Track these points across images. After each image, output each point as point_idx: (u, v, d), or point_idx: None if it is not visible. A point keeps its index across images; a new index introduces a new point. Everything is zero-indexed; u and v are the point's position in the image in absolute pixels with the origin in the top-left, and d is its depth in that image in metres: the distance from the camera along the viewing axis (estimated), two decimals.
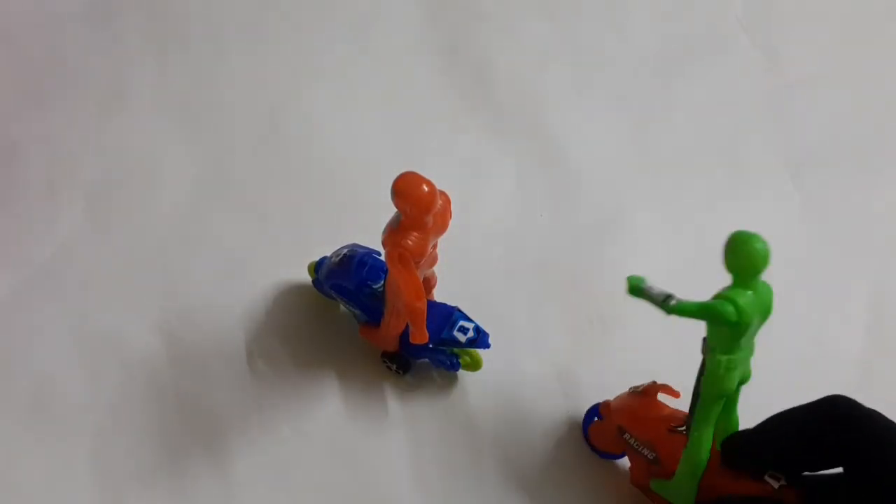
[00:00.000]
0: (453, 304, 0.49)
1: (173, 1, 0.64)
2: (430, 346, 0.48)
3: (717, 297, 0.39)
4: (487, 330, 0.48)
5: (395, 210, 0.42)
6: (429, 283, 0.49)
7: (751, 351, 0.41)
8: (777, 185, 0.59)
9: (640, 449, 0.46)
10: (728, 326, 0.39)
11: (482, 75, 0.63)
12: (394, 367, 0.51)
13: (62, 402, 0.50)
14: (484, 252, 0.55)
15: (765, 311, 0.40)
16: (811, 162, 0.60)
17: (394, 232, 0.41)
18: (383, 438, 0.50)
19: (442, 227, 0.43)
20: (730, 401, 0.42)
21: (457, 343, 0.48)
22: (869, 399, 0.40)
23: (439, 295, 0.50)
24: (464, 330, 0.48)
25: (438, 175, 0.43)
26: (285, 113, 0.60)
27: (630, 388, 0.47)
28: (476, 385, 0.51)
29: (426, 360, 0.50)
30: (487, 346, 0.48)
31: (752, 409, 0.42)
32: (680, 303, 0.39)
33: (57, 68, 0.61)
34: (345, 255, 0.50)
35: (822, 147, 0.61)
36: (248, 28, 0.64)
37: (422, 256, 0.42)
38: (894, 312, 0.55)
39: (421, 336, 0.45)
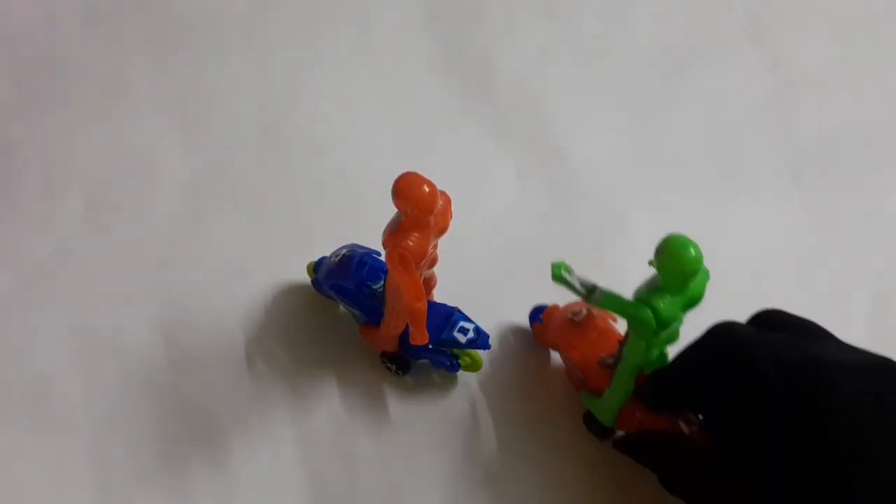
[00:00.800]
0: (453, 305, 0.49)
1: (173, 1, 0.64)
2: (430, 346, 0.48)
3: (640, 296, 0.40)
4: (487, 331, 0.48)
5: (395, 210, 0.42)
6: (429, 284, 0.49)
7: (679, 324, 0.41)
8: (777, 185, 0.59)
9: (571, 367, 0.49)
10: (646, 329, 0.40)
11: (482, 75, 0.63)
12: (393, 367, 0.51)
13: (61, 402, 0.50)
14: (484, 252, 0.55)
15: (692, 304, 0.40)
16: (812, 162, 0.60)
17: (394, 232, 0.41)
18: (383, 439, 0.50)
19: (442, 227, 0.43)
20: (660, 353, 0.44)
21: (457, 344, 0.48)
22: None
23: (439, 295, 0.50)
24: (464, 331, 0.48)
25: (439, 175, 0.43)
26: (285, 113, 0.60)
27: (570, 314, 0.48)
28: (476, 386, 0.51)
29: (426, 360, 0.50)
30: (487, 346, 0.48)
31: None
32: (603, 296, 0.40)
33: (56, 68, 0.61)
34: (344, 255, 0.50)
35: (823, 147, 0.61)
36: (247, 28, 0.64)
37: (422, 257, 0.42)
38: (895, 313, 0.55)
39: (421, 337, 0.45)
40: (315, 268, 0.52)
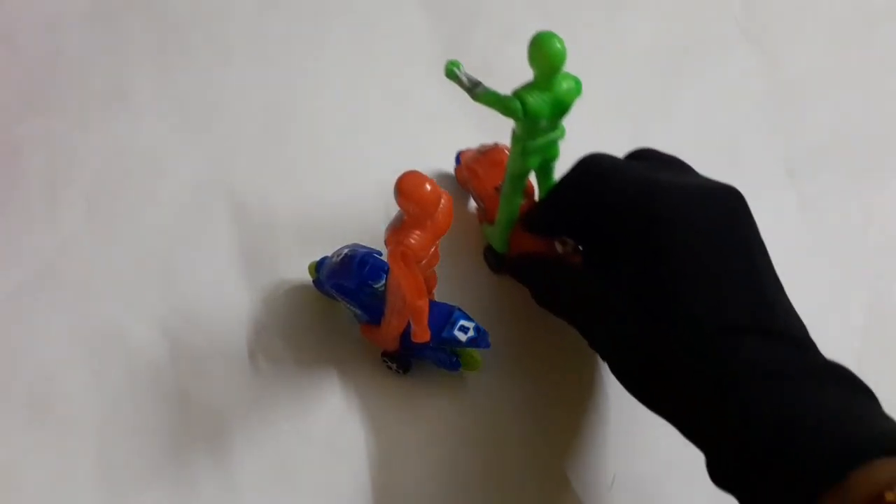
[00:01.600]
0: (453, 304, 0.49)
1: (175, 1, 0.64)
2: (431, 345, 0.48)
3: (515, 91, 0.44)
4: (487, 330, 0.48)
5: (396, 210, 0.42)
6: (429, 284, 0.49)
7: (557, 136, 0.47)
8: (776, 186, 0.60)
9: (476, 200, 0.54)
10: (518, 121, 0.44)
11: (482, 76, 0.63)
12: (394, 366, 0.51)
13: (63, 402, 0.50)
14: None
15: (561, 107, 0.45)
16: (810, 162, 0.61)
17: (396, 231, 0.41)
18: (383, 438, 0.50)
19: (444, 226, 0.43)
20: (544, 173, 0.49)
21: (457, 342, 0.48)
22: None
23: (440, 295, 0.50)
24: (464, 329, 0.48)
25: (440, 174, 0.43)
26: (286, 113, 0.60)
27: (479, 146, 0.54)
28: (476, 385, 0.51)
29: (427, 359, 0.50)
30: (488, 345, 0.48)
31: None
32: (484, 91, 0.45)
33: (58, 68, 0.61)
34: (346, 254, 0.50)
35: (821, 147, 0.61)
36: (249, 28, 0.64)
37: (424, 255, 0.42)
38: (892, 314, 0.55)
39: (423, 334, 0.45)
40: (316, 267, 0.52)
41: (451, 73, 0.46)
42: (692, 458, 0.48)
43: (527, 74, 0.64)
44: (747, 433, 0.37)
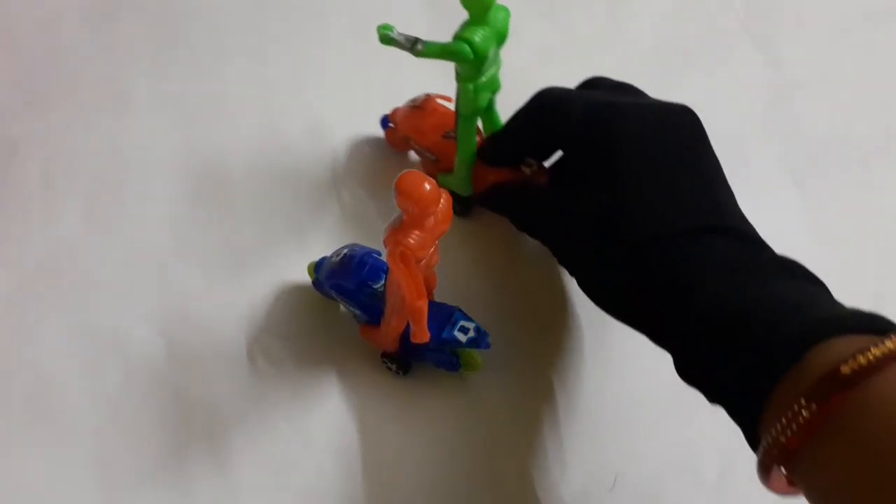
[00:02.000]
0: (453, 305, 0.49)
1: (173, 1, 0.64)
2: (431, 346, 0.48)
3: (456, 36, 0.45)
4: (487, 330, 0.48)
5: (396, 211, 0.42)
6: (429, 284, 0.49)
7: (497, 68, 0.48)
8: (778, 186, 0.59)
9: (423, 153, 0.55)
10: (468, 62, 0.45)
11: None
12: (394, 367, 0.51)
13: (61, 402, 0.50)
14: (485, 252, 0.55)
15: (500, 38, 0.46)
16: (812, 162, 0.60)
17: (396, 231, 0.41)
18: (383, 439, 0.49)
19: (444, 226, 0.43)
20: (488, 109, 0.51)
21: (457, 343, 0.48)
22: None
23: (440, 295, 0.50)
24: (464, 330, 0.48)
25: None
26: (285, 112, 0.60)
27: (409, 101, 0.54)
28: (476, 386, 0.51)
29: (427, 360, 0.50)
30: (488, 346, 0.48)
31: None
32: (426, 47, 0.45)
33: (56, 68, 0.61)
34: (345, 254, 0.50)
35: (824, 147, 0.61)
36: (248, 27, 0.64)
37: (424, 255, 0.42)
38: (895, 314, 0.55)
39: (422, 334, 0.45)
40: (316, 268, 0.52)
41: (386, 38, 0.46)
42: (694, 460, 0.48)
43: (526, 72, 0.64)
44: (709, 324, 0.39)
